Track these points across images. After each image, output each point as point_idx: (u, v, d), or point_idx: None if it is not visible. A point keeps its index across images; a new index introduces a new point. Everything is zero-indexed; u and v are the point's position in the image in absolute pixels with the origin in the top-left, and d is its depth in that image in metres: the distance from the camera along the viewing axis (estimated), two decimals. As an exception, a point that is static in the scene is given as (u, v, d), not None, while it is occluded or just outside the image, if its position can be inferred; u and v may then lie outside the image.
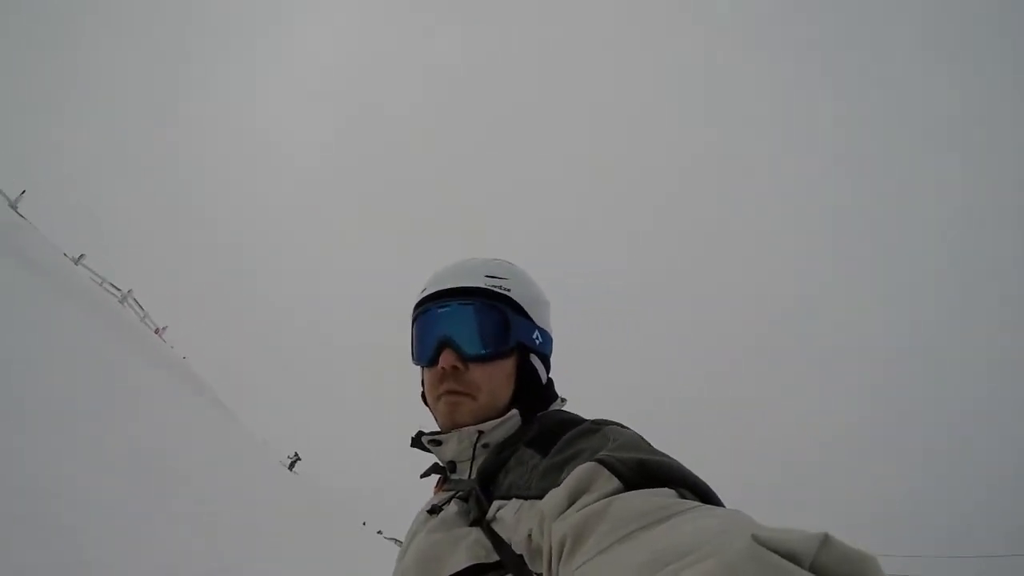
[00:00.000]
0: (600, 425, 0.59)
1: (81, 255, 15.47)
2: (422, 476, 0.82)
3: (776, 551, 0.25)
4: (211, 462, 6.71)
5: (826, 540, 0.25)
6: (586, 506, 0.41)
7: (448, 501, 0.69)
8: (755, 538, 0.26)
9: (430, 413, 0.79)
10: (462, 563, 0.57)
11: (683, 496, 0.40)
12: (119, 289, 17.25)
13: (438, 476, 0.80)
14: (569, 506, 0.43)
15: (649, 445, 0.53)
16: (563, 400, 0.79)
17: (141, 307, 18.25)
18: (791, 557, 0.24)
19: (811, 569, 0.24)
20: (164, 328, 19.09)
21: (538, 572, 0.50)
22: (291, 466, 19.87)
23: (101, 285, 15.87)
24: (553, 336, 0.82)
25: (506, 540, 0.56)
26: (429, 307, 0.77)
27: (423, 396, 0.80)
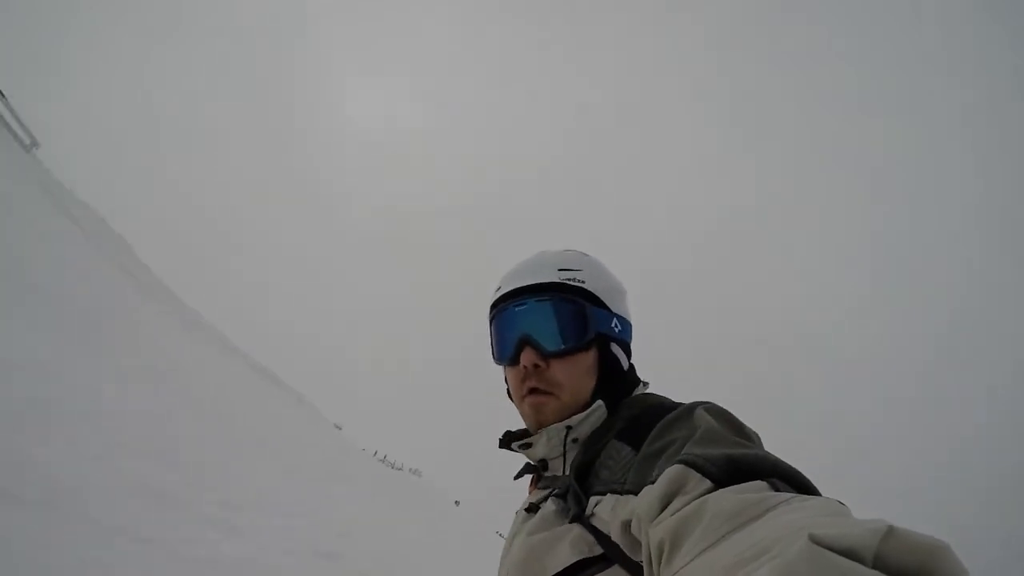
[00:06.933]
0: (694, 407, 0.57)
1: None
2: (516, 477, 0.82)
3: (833, 549, 0.24)
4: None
5: (889, 532, 0.24)
6: (679, 509, 0.40)
7: (545, 499, 0.69)
8: (812, 537, 0.24)
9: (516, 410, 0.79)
10: (567, 559, 0.57)
11: (775, 487, 0.38)
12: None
13: (532, 475, 0.80)
14: (663, 509, 0.43)
15: (740, 428, 0.53)
16: (645, 384, 0.79)
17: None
18: (850, 554, 0.23)
19: (875, 564, 0.23)
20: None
21: (638, 560, 0.51)
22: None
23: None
24: (632, 322, 0.81)
25: (606, 534, 0.55)
26: (506, 306, 0.77)
27: (508, 393, 0.81)
